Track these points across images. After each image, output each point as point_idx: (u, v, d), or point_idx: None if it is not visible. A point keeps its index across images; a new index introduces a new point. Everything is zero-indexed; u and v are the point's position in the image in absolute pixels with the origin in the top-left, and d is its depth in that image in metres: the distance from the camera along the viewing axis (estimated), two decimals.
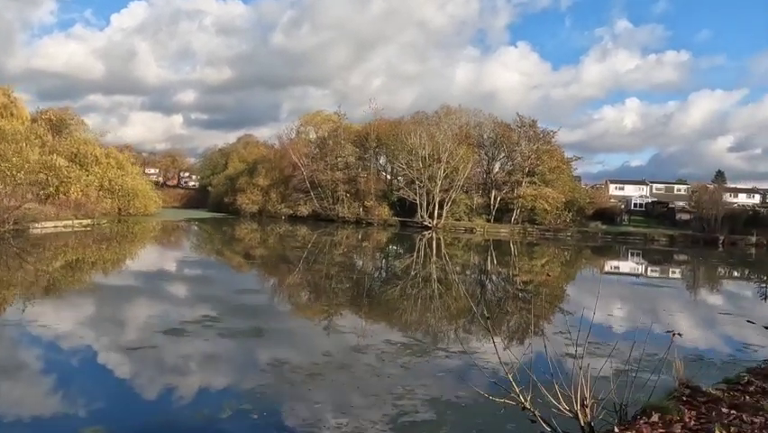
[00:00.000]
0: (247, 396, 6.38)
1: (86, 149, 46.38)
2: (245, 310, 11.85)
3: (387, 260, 27.90)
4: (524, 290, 18.24)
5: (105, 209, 41.64)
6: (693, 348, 9.29)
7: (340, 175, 58.81)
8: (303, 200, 59.54)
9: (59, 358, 8.06)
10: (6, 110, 54.52)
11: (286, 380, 7.05)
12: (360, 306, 14.01)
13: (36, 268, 17.99)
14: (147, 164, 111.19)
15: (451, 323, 12.24)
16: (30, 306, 11.75)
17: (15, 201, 26.17)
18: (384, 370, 7.50)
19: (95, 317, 10.98)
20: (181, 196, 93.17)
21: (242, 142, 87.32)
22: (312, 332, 10.49)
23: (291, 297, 15.87)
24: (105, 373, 7.35)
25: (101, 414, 5.92)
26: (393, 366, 7.68)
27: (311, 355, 8.19)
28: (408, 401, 6.24)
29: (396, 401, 6.21)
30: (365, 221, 54.52)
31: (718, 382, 5.40)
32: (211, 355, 8.25)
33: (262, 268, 23.34)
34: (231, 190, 67.70)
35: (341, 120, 62.14)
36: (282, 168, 61.61)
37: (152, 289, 15.17)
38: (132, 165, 53.86)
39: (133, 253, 25.36)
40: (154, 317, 10.55)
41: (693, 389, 4.72)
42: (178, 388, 6.80)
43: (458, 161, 49.47)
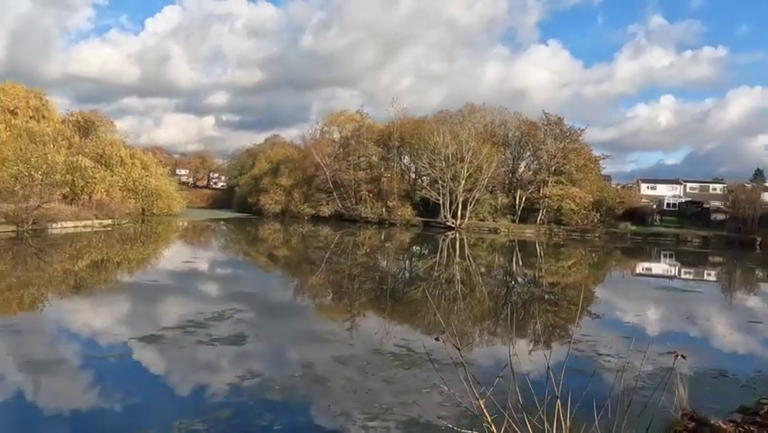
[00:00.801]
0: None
1: (111, 150, 47.23)
2: (269, 311, 11.78)
3: (410, 261, 27.59)
4: (550, 292, 17.87)
5: (129, 209, 42.39)
6: (717, 361, 8.83)
7: (362, 175, 58.77)
8: (325, 200, 59.64)
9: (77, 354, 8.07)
10: (38, 113, 56.07)
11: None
12: (382, 307, 13.79)
13: (53, 267, 18.33)
14: (178, 165, 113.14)
15: (473, 327, 11.98)
16: (46, 304, 11.95)
17: (34, 201, 26.74)
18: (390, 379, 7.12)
19: (105, 314, 11.04)
20: (208, 196, 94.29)
21: (268, 143, 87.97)
22: (332, 332, 10.13)
23: (313, 297, 15.73)
24: (138, 365, 7.45)
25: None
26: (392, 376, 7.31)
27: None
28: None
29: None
30: (388, 221, 54.32)
31: (733, 410, 4.88)
32: (242, 354, 8.10)
33: (285, 268, 23.34)
34: (255, 191, 68.21)
35: (363, 119, 62.08)
36: (305, 168, 61.82)
37: (171, 289, 15.16)
38: (156, 166, 54.61)
39: (153, 253, 25.62)
40: (173, 320, 10.41)
41: (699, 421, 4.24)
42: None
43: (482, 159, 48.85)
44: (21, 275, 16.16)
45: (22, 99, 55.16)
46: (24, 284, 14.64)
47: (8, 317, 10.77)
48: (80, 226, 31.45)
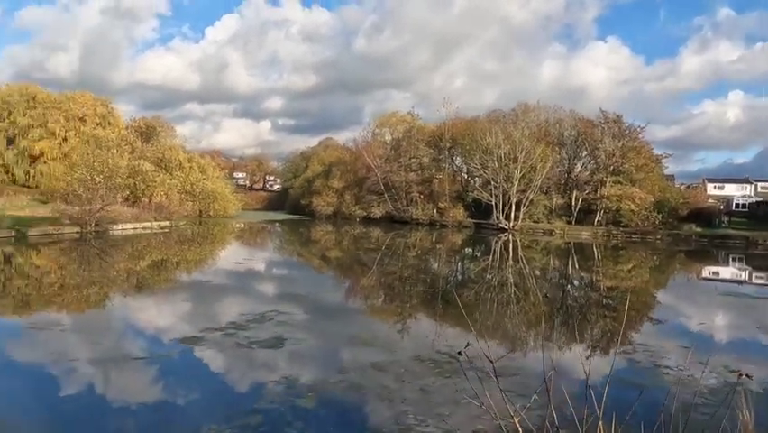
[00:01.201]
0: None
1: (170, 154, 48.86)
2: (313, 313, 11.63)
3: (461, 263, 27.02)
4: (607, 297, 16.95)
5: (187, 211, 43.67)
6: None
7: (413, 176, 58.42)
8: (376, 202, 59.66)
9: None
10: (105, 120, 58.78)
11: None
12: (430, 310, 13.44)
13: (113, 267, 18.90)
14: (235, 168, 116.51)
15: (527, 331, 11.42)
16: (94, 304, 12.21)
17: (96, 204, 27.83)
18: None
19: (151, 315, 11.17)
20: (262, 198, 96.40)
21: (322, 146, 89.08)
22: (374, 337, 9.79)
23: (361, 299, 15.55)
24: (173, 368, 7.41)
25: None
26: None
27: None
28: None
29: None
30: (439, 223, 53.70)
31: None
32: (278, 358, 7.96)
33: (335, 269, 23.32)
34: (307, 193, 69.12)
35: (414, 120, 61.74)
36: (356, 170, 62.09)
37: (221, 289, 15.25)
38: (213, 169, 56.10)
39: (208, 254, 26.12)
40: (228, 318, 10.41)
41: None
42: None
43: (536, 160, 47.52)
44: (79, 274, 16.73)
45: (90, 107, 57.93)
46: (79, 284, 15.08)
47: (57, 314, 11.06)
48: (140, 228, 32.57)
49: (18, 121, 55.03)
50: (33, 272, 17.45)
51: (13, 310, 12.01)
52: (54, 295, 13.79)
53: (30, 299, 13.32)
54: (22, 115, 55.10)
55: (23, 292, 14.11)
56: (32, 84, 60.22)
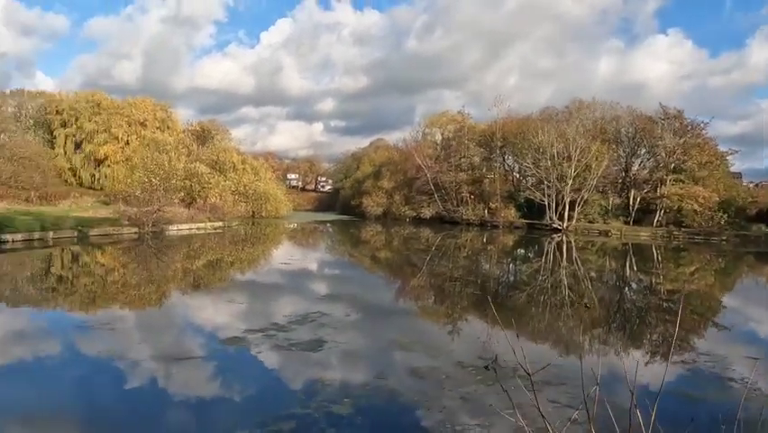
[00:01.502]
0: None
1: (224, 156, 50.04)
2: (357, 315, 11.44)
3: (513, 264, 26.32)
4: (668, 300, 16.00)
5: (240, 212, 44.60)
6: None
7: (464, 176, 57.56)
8: (426, 202, 59.19)
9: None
10: (164, 124, 60.95)
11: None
12: (479, 313, 12.98)
13: (171, 266, 19.38)
14: (288, 170, 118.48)
15: (580, 337, 10.82)
16: (158, 301, 12.44)
17: (153, 206, 28.73)
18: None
19: (195, 315, 11.26)
20: (314, 199, 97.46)
21: (372, 147, 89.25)
22: (417, 340, 9.43)
23: (408, 300, 15.31)
24: (209, 370, 7.37)
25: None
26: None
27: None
28: None
29: None
30: (490, 223, 52.70)
31: None
32: (316, 361, 7.80)
33: (384, 270, 23.14)
34: (357, 193, 69.37)
35: (465, 120, 60.87)
36: (406, 170, 61.78)
37: (282, 287, 15.49)
38: (265, 171, 57.09)
39: (260, 254, 26.45)
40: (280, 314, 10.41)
41: None
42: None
43: (591, 158, 45.82)
44: (138, 273, 17.22)
45: (150, 112, 60.19)
46: (138, 283, 15.47)
47: (106, 311, 11.31)
48: (194, 229, 33.42)
49: (84, 126, 57.79)
50: (98, 270, 18.12)
51: (79, 306, 12.58)
52: (114, 292, 14.21)
53: (94, 296, 13.79)
54: (88, 121, 57.82)
55: (89, 289, 14.59)
56: (98, 91, 63.15)
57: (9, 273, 16.97)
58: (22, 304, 12.53)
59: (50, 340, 9.23)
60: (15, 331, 9.97)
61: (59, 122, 58.75)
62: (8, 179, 41.38)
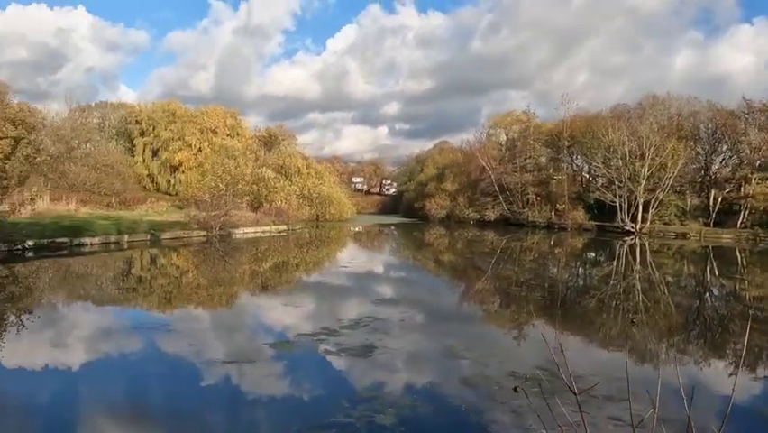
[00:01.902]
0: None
1: (290, 161, 51.02)
2: (411, 320, 11.13)
3: (583, 267, 25.09)
4: (757, 308, 14.62)
5: (305, 216, 45.28)
6: None
7: (529, 177, 55.89)
8: (491, 204, 57.95)
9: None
10: (233, 131, 62.98)
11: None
12: (543, 319, 12.46)
13: (238, 269, 19.76)
14: (354, 173, 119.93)
15: (654, 346, 10.02)
16: (216, 303, 12.61)
17: (221, 210, 29.56)
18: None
19: (252, 316, 11.26)
20: (377, 202, 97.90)
21: (437, 149, 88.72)
22: (471, 347, 8.95)
23: (467, 305, 14.83)
24: (255, 374, 7.28)
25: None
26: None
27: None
28: None
29: None
30: (557, 225, 50.86)
31: None
32: (363, 368, 7.59)
33: (446, 273, 22.68)
34: (420, 196, 69.01)
35: (530, 120, 59.20)
36: (469, 172, 60.79)
37: (342, 289, 15.46)
38: (329, 174, 57.79)
39: (323, 256, 26.57)
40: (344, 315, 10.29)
41: None
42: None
43: (666, 156, 43.23)
44: (207, 275, 17.64)
45: (221, 119, 62.39)
46: (207, 284, 15.79)
47: (167, 312, 11.52)
48: (260, 232, 34.19)
49: (161, 135, 60.64)
50: (169, 272, 18.81)
51: (151, 306, 13.14)
52: (179, 293, 14.63)
53: (165, 297, 14.27)
54: (164, 130, 60.64)
55: (162, 290, 15.11)
56: (173, 101, 66.09)
57: (90, 274, 17.80)
58: (105, 303, 13.03)
59: (128, 337, 9.50)
60: (102, 328, 10.33)
61: (138, 131, 61.98)
62: (92, 185, 43.96)
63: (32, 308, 12.02)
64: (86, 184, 42.93)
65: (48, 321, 10.78)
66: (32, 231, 21.74)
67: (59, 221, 25.37)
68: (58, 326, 10.54)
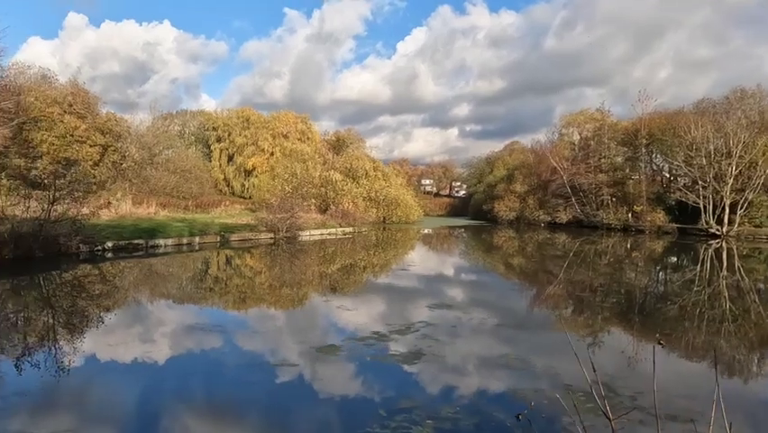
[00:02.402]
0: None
1: (357, 164, 51.29)
2: (466, 325, 10.71)
3: (663, 272, 23.46)
4: None
5: (372, 218, 45.32)
6: None
7: (604, 177, 53.21)
8: (562, 206, 55.72)
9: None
10: (304, 135, 64.23)
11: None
12: (629, 323, 11.77)
13: (301, 270, 19.89)
14: (423, 175, 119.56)
15: (748, 358, 9.06)
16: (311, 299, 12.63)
17: (287, 213, 30.00)
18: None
19: (307, 319, 11.11)
20: (446, 204, 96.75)
21: (507, 150, 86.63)
22: (523, 358, 8.46)
23: (548, 308, 14.27)
24: (294, 380, 7.08)
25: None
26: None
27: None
28: None
29: None
30: (634, 228, 48.08)
31: None
32: (406, 375, 7.28)
33: (518, 276, 21.85)
34: (489, 198, 67.55)
35: (605, 117, 56.43)
36: (540, 173, 58.77)
37: (409, 290, 15.24)
38: (396, 177, 57.65)
39: (391, 259, 26.32)
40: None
41: None
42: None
43: (756, 154, 39.84)
44: (271, 276, 17.82)
45: (292, 125, 63.79)
46: (272, 284, 15.93)
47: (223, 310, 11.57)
48: (326, 234, 34.47)
49: (236, 140, 62.76)
50: (235, 273, 19.19)
51: (217, 304, 13.49)
52: (250, 292, 14.84)
53: (235, 296, 14.55)
54: (238, 135, 62.73)
55: (229, 290, 15.41)
56: (247, 108, 68.26)
57: (164, 274, 18.45)
58: (177, 301, 13.56)
59: (205, 334, 9.74)
60: (184, 326, 10.67)
61: (215, 137, 64.48)
62: (172, 189, 46.10)
63: (116, 305, 12.68)
64: (166, 188, 45.04)
65: (130, 317, 11.39)
66: (110, 233, 22.88)
67: (137, 224, 26.62)
68: (139, 321, 11.03)
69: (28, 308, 11.96)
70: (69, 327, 10.41)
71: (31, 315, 11.31)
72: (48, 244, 19.51)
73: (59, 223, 20.00)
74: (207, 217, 34.89)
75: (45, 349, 8.68)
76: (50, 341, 9.21)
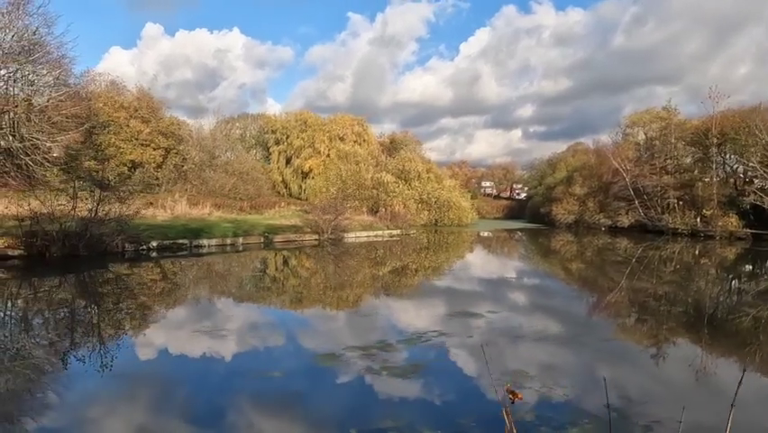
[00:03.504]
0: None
1: (409, 165, 50.09)
2: (485, 334, 9.44)
3: (737, 281, 20.99)
4: None
5: (423, 220, 43.98)
6: None
7: (670, 179, 49.33)
8: (624, 209, 52.17)
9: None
10: (360, 137, 63.79)
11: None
12: (697, 335, 10.59)
13: (348, 271, 18.95)
14: (483, 178, 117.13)
15: None
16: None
17: (331, 214, 29.24)
18: None
19: (321, 325, 10.05)
20: (503, 207, 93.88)
21: (570, 150, 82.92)
22: (535, 372, 7.01)
23: (612, 315, 13.03)
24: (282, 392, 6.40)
25: None
26: None
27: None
28: None
29: None
30: (703, 233, 44.16)
31: None
32: (397, 391, 6.27)
33: (579, 282, 20.12)
34: (547, 200, 64.61)
35: (671, 116, 52.36)
36: (601, 174, 55.37)
37: (468, 293, 14.37)
38: (448, 179, 56.04)
39: (438, 262, 25.02)
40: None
41: None
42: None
43: None
44: (298, 277, 16.96)
45: (348, 127, 63.45)
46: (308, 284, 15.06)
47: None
48: (372, 236, 33.45)
49: (294, 143, 63.07)
50: (276, 273, 18.72)
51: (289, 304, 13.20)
52: (276, 294, 14.02)
53: (273, 296, 14.23)
54: (296, 138, 63.00)
55: (297, 290, 15.04)
56: (305, 111, 68.59)
57: (208, 273, 17.98)
58: (243, 300, 13.54)
59: (262, 332, 9.72)
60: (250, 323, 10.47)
61: (274, 140, 65.06)
62: (229, 190, 46.54)
63: (162, 302, 12.79)
64: (223, 189, 45.48)
65: (184, 311, 11.61)
66: (157, 232, 22.76)
67: (188, 224, 26.57)
68: (200, 316, 11.13)
69: (76, 302, 12.46)
70: (113, 321, 10.71)
71: (77, 307, 11.86)
72: (94, 243, 19.56)
73: (105, 223, 20.01)
74: (259, 218, 34.67)
75: (92, 344, 8.82)
76: (95, 336, 9.43)
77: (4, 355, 7.91)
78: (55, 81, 37.64)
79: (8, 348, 8.32)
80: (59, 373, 7.25)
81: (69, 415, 5.78)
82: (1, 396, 6.27)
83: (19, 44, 33.93)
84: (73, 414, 5.82)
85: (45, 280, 15.47)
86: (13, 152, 34.22)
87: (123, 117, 43.20)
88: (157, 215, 30.62)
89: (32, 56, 34.35)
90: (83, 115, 37.86)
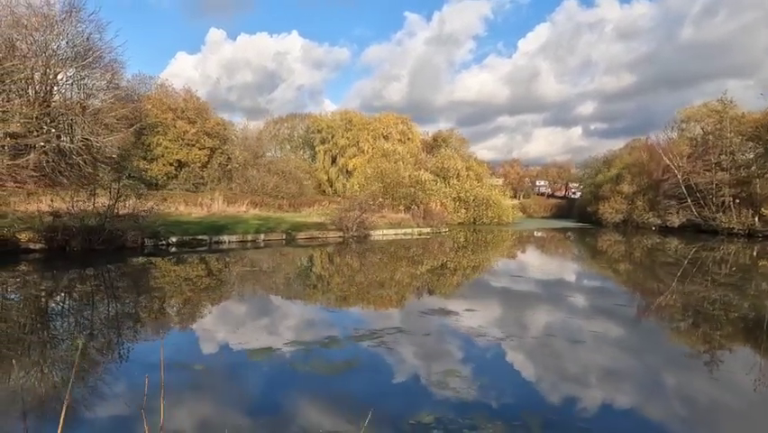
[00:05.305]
0: None
1: (449, 163, 48.42)
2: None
3: None
4: None
5: (461, 218, 42.24)
6: None
7: (725, 176, 45.16)
8: (675, 208, 48.29)
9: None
10: (404, 136, 62.62)
11: None
12: (756, 342, 9.66)
13: (363, 270, 17.93)
14: (538, 177, 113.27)
15: None
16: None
17: (356, 212, 28.26)
18: None
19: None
20: (551, 206, 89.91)
21: (627, 148, 78.09)
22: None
23: (663, 320, 11.98)
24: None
25: None
26: None
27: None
28: None
29: None
30: (761, 234, 40.05)
31: None
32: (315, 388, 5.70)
33: (627, 284, 18.36)
34: (594, 199, 61.05)
35: (726, 109, 47.91)
36: (651, 171, 51.56)
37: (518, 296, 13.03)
38: (490, 177, 53.87)
39: (481, 262, 23.56)
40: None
41: None
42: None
43: None
44: (310, 274, 16.05)
45: (393, 126, 62.40)
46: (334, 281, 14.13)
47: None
48: (400, 234, 32.15)
49: (339, 142, 62.64)
50: (288, 268, 17.86)
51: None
52: (292, 290, 13.15)
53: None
54: (341, 137, 62.53)
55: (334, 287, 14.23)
56: (350, 110, 67.96)
57: (223, 270, 17.41)
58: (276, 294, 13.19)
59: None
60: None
61: (320, 139, 64.85)
62: (272, 189, 46.46)
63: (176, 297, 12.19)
64: (265, 188, 45.44)
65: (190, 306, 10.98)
66: (177, 228, 22.47)
67: (216, 221, 26.29)
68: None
69: (90, 295, 12.50)
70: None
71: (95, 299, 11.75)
72: (113, 238, 19.47)
73: (122, 219, 19.91)
74: (291, 216, 34.10)
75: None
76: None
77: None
78: (107, 84, 38.66)
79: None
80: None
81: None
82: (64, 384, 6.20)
83: (73, 50, 34.94)
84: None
85: (66, 273, 15.53)
86: (66, 153, 35.27)
87: (170, 118, 43.99)
88: (193, 212, 30.64)
89: (85, 60, 35.30)
90: (132, 117, 38.65)
